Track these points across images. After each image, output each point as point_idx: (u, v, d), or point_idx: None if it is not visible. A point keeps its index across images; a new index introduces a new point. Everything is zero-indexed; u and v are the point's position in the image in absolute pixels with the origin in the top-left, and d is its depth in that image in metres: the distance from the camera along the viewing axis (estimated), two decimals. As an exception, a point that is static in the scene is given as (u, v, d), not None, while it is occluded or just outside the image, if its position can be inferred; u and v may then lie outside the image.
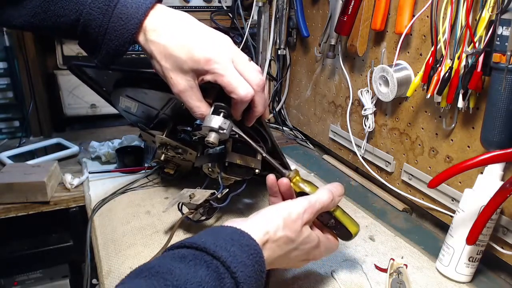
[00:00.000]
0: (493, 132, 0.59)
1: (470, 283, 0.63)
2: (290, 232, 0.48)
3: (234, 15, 1.22)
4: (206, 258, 0.40)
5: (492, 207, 0.54)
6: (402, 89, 0.77)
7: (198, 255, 0.40)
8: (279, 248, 0.47)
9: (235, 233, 0.44)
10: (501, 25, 0.55)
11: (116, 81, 0.74)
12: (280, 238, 0.47)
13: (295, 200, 0.51)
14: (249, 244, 0.43)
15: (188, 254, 0.40)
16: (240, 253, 0.42)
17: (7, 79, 1.03)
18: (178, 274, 0.37)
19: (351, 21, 0.84)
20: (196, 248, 0.41)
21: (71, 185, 0.83)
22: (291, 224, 0.48)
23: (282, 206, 0.50)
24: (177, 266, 0.38)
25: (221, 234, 0.43)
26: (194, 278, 0.38)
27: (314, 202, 0.51)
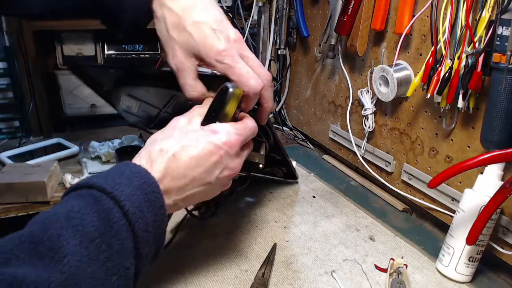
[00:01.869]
0: (493, 132, 0.59)
1: (470, 283, 0.63)
2: (167, 133, 0.48)
3: (234, 15, 1.22)
4: (81, 192, 0.41)
5: (492, 207, 0.54)
6: (402, 89, 0.77)
7: (73, 194, 0.41)
8: (163, 153, 0.46)
9: (119, 165, 0.45)
10: (501, 25, 0.55)
11: (117, 79, 0.74)
12: (158, 146, 0.46)
13: None
14: (132, 169, 0.43)
15: (66, 197, 0.41)
16: (119, 177, 0.42)
17: (7, 79, 1.03)
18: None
19: (351, 21, 0.84)
20: (75, 189, 0.42)
21: (71, 185, 0.83)
22: (167, 129, 0.49)
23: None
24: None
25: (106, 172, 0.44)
26: (61, 209, 0.38)
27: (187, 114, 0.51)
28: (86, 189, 0.41)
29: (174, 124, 0.49)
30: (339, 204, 0.83)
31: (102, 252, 0.37)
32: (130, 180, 0.42)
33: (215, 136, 0.48)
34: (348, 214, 0.79)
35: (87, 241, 0.36)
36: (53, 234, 0.35)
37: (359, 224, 0.76)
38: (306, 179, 0.93)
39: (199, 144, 0.47)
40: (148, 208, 0.41)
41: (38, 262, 0.34)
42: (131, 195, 0.40)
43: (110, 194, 0.40)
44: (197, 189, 0.48)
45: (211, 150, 0.47)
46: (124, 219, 0.39)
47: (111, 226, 0.38)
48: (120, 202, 0.39)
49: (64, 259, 0.34)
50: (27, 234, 0.36)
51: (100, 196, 0.39)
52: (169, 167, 0.45)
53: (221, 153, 0.48)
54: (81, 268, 0.35)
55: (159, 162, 0.45)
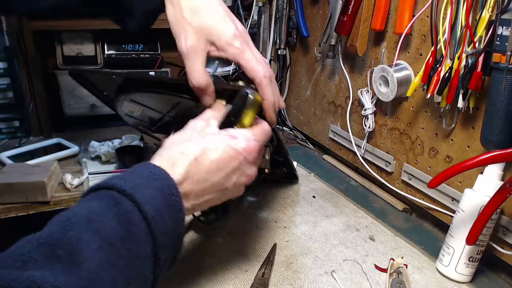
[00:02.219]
0: (493, 132, 0.59)
1: (470, 283, 0.63)
2: (185, 139, 0.47)
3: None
4: (101, 193, 0.39)
5: (492, 207, 0.54)
6: (402, 89, 0.77)
7: (92, 195, 0.40)
8: (185, 155, 0.44)
9: (139, 166, 0.43)
10: (501, 25, 0.55)
11: (119, 86, 0.73)
12: (178, 149, 0.45)
13: None
14: (152, 170, 0.42)
15: (86, 198, 0.40)
16: (139, 178, 0.41)
17: (7, 79, 1.03)
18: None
19: (351, 21, 0.84)
20: (94, 190, 0.41)
21: (71, 185, 0.83)
22: (185, 133, 0.48)
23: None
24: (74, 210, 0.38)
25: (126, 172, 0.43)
26: (81, 211, 0.37)
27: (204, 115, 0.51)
28: (105, 190, 0.40)
29: (192, 126, 0.49)
30: (339, 204, 0.83)
31: (122, 258, 0.36)
32: (150, 181, 0.41)
33: (234, 141, 0.47)
34: (348, 214, 0.79)
35: (107, 246, 0.35)
36: (72, 237, 0.34)
37: (359, 224, 0.76)
38: (306, 179, 0.93)
39: (219, 148, 0.46)
40: (168, 212, 0.40)
41: (57, 266, 0.32)
42: (151, 198, 0.39)
43: (129, 196, 0.38)
44: (214, 194, 0.47)
45: (231, 155, 0.46)
46: (143, 222, 0.38)
47: (131, 230, 0.37)
48: (140, 205, 0.38)
49: (83, 264, 0.33)
50: (46, 235, 0.35)
51: (120, 198, 0.38)
52: (190, 170, 0.44)
53: (240, 159, 0.47)
54: (100, 274, 0.34)
55: (181, 165, 0.44)
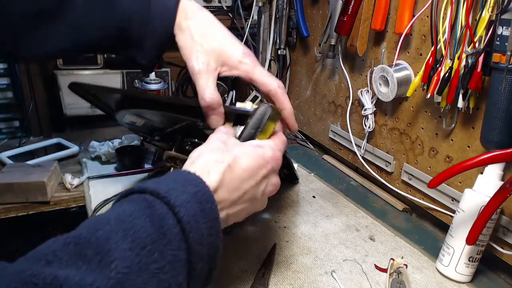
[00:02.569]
0: (493, 132, 0.59)
1: (470, 283, 0.63)
2: (215, 146, 0.47)
3: (234, 15, 1.22)
4: (133, 197, 0.39)
5: (492, 207, 0.54)
6: (402, 89, 0.77)
7: (124, 200, 0.39)
8: (219, 163, 0.44)
9: (172, 173, 0.43)
10: (501, 25, 0.55)
11: (120, 101, 0.72)
12: (212, 157, 0.45)
13: None
14: (185, 176, 0.41)
15: (117, 204, 0.39)
16: (173, 183, 0.40)
17: (7, 79, 1.03)
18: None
19: (351, 21, 0.84)
20: (125, 195, 0.40)
21: (71, 185, 0.83)
22: (210, 143, 0.48)
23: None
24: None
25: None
26: (112, 214, 0.36)
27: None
28: (138, 194, 0.39)
29: (215, 138, 0.49)
30: (339, 204, 0.83)
31: (154, 262, 0.34)
32: (184, 186, 0.39)
33: (261, 150, 0.48)
34: (348, 214, 0.79)
35: (138, 248, 0.34)
36: (101, 237, 0.33)
37: (359, 224, 0.76)
38: (306, 179, 0.93)
39: (250, 156, 0.46)
40: (203, 218, 0.39)
41: (83, 265, 0.31)
42: (185, 202, 0.38)
43: (164, 198, 0.37)
44: (246, 204, 0.47)
45: (260, 163, 0.47)
46: (178, 226, 0.37)
47: (164, 233, 0.36)
48: (174, 208, 0.37)
49: (111, 264, 0.32)
50: (73, 235, 0.34)
51: (153, 201, 0.37)
52: (225, 178, 0.43)
53: (269, 167, 0.48)
54: (131, 276, 0.32)
55: (215, 172, 0.43)
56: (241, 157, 0.46)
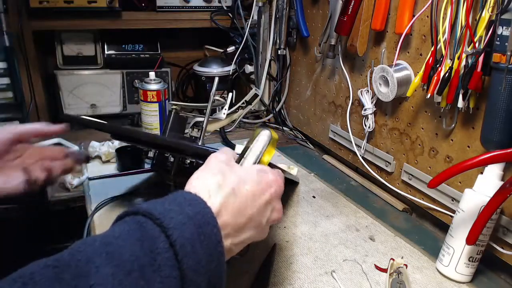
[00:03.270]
0: (493, 132, 0.59)
1: (470, 283, 0.63)
2: (219, 170, 0.43)
3: (234, 15, 1.22)
4: (127, 218, 0.36)
5: (492, 207, 0.54)
6: (402, 89, 0.77)
7: (118, 222, 0.37)
8: (223, 188, 0.41)
9: (172, 194, 0.40)
10: (501, 25, 0.55)
11: (118, 136, 0.72)
12: (215, 180, 0.42)
13: None
14: (185, 196, 0.38)
15: (111, 227, 0.36)
16: (170, 204, 0.36)
17: (7, 79, 1.03)
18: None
19: (351, 21, 0.84)
20: (121, 217, 0.37)
21: (71, 185, 0.83)
22: (213, 167, 0.44)
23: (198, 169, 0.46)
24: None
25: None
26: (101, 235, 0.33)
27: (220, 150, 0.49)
28: (132, 216, 0.36)
29: (217, 159, 0.46)
30: (339, 204, 0.83)
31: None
32: (182, 207, 0.36)
33: (264, 174, 0.46)
34: (348, 214, 0.79)
35: (122, 273, 0.31)
36: (82, 259, 0.31)
37: (359, 224, 0.76)
38: (306, 179, 0.93)
39: (253, 180, 0.44)
40: (201, 242, 0.35)
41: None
42: (180, 224, 0.34)
43: (157, 220, 0.34)
44: (251, 232, 0.43)
45: (263, 187, 0.45)
46: (170, 251, 0.33)
47: (154, 258, 0.32)
48: (167, 230, 0.34)
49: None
50: (54, 258, 0.31)
51: (145, 222, 0.34)
52: (229, 201, 0.40)
53: (272, 191, 0.46)
54: None
55: (218, 196, 0.40)
56: (245, 181, 0.43)
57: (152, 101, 0.98)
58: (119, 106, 1.20)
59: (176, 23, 1.20)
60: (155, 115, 1.00)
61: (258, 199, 0.44)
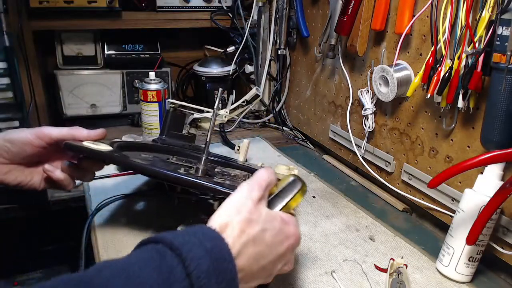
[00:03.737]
0: (493, 132, 0.59)
1: (470, 283, 0.63)
2: (247, 213, 0.43)
3: (234, 15, 1.22)
4: (148, 246, 0.38)
5: (492, 207, 0.54)
6: (402, 89, 0.77)
7: (140, 248, 0.38)
8: (245, 234, 0.42)
9: (193, 227, 0.41)
10: (501, 25, 0.55)
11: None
12: (239, 222, 0.42)
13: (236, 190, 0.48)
14: (204, 231, 0.39)
15: (133, 252, 0.38)
16: (190, 236, 0.38)
17: (7, 79, 1.03)
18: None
19: (351, 21, 0.84)
20: (142, 244, 0.39)
21: (71, 185, 0.83)
22: (243, 206, 0.44)
23: (226, 200, 0.46)
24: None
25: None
26: (122, 260, 0.35)
27: (254, 178, 0.48)
28: (153, 244, 0.38)
29: (245, 193, 0.46)
30: (339, 204, 0.83)
31: None
32: (202, 241, 0.37)
33: (287, 225, 0.46)
34: (348, 214, 0.79)
35: None
36: (103, 278, 0.32)
37: (359, 224, 0.76)
38: (306, 179, 0.92)
39: (275, 228, 0.45)
40: (217, 277, 0.36)
41: None
42: (198, 257, 0.36)
43: (176, 250, 0.36)
44: (260, 280, 0.44)
45: (281, 239, 0.45)
46: (186, 280, 0.35)
47: (171, 285, 0.34)
48: (185, 261, 0.35)
49: None
50: (76, 276, 0.33)
51: (165, 252, 0.36)
52: (247, 247, 0.41)
53: (288, 244, 0.46)
54: None
55: (239, 240, 0.41)
56: (267, 229, 0.44)
57: (152, 101, 0.98)
58: (119, 106, 1.20)
59: (176, 23, 1.19)
60: (155, 115, 1.00)
61: (275, 250, 0.44)
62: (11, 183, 0.61)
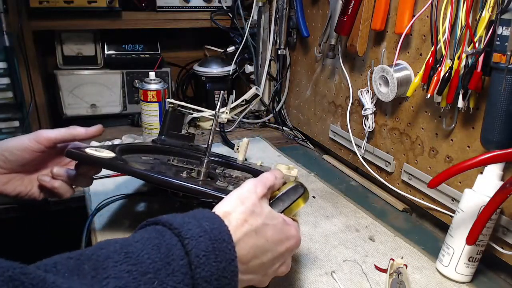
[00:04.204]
0: (493, 132, 0.59)
1: (470, 283, 0.63)
2: (251, 205, 0.44)
3: (234, 15, 1.22)
4: (148, 228, 0.38)
5: (492, 207, 0.54)
6: (402, 89, 0.77)
7: (139, 230, 0.39)
8: (247, 224, 0.42)
9: (195, 210, 0.41)
10: (501, 25, 0.55)
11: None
12: (242, 212, 0.43)
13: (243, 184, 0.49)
14: (205, 214, 0.40)
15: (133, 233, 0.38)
16: (189, 218, 0.39)
17: (7, 79, 1.03)
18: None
19: (351, 21, 0.84)
20: (141, 227, 0.39)
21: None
22: (247, 199, 0.44)
23: (232, 192, 0.47)
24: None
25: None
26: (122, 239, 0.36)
27: (259, 177, 0.49)
28: (153, 226, 0.38)
29: (251, 188, 0.46)
30: (339, 204, 0.83)
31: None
32: (200, 222, 0.38)
33: (288, 226, 0.47)
34: (348, 215, 0.79)
35: (137, 272, 0.33)
36: (102, 254, 0.33)
37: (359, 225, 0.76)
38: (306, 179, 0.93)
39: (277, 227, 0.45)
40: (216, 257, 0.36)
41: (77, 279, 0.31)
42: (197, 236, 0.36)
43: (175, 230, 0.37)
44: (256, 276, 0.44)
45: (282, 239, 0.45)
46: (185, 259, 0.35)
47: (169, 263, 0.34)
48: (184, 240, 0.36)
49: (104, 280, 0.31)
50: (77, 252, 0.34)
51: (164, 231, 0.37)
52: (249, 237, 0.41)
53: (288, 245, 0.46)
54: None
55: (240, 228, 0.41)
56: (269, 225, 0.44)
57: (152, 101, 0.98)
58: (119, 106, 1.20)
59: (176, 23, 1.20)
60: (155, 115, 1.00)
61: (275, 247, 0.44)
62: (11, 193, 0.60)
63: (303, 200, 0.51)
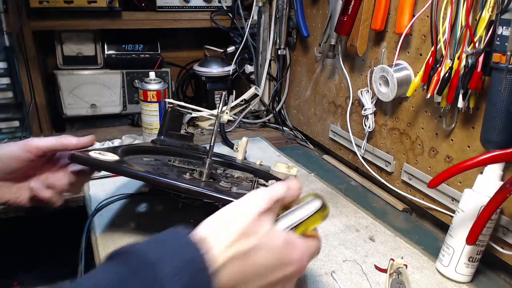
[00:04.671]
0: (493, 132, 0.59)
1: (470, 283, 0.63)
2: (243, 223, 0.38)
3: (234, 15, 1.22)
4: (118, 261, 0.34)
5: (492, 207, 0.54)
6: (402, 89, 0.77)
7: (109, 262, 0.35)
8: (233, 248, 0.36)
9: (171, 233, 0.37)
10: (501, 25, 0.55)
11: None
12: (231, 233, 0.37)
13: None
14: (176, 236, 0.36)
15: (104, 264, 0.35)
16: (163, 253, 0.34)
17: (7, 79, 1.03)
18: None
19: (351, 21, 0.84)
20: (113, 255, 0.35)
21: (71, 185, 0.83)
22: (241, 216, 0.39)
23: (227, 206, 0.41)
24: None
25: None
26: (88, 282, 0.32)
27: (268, 189, 0.43)
28: (124, 256, 0.34)
29: (253, 200, 0.41)
30: (339, 204, 0.83)
31: None
32: (177, 254, 0.34)
33: (289, 250, 0.40)
34: (348, 215, 0.79)
35: None
36: None
37: (359, 225, 0.76)
38: (306, 179, 0.93)
39: (274, 250, 0.39)
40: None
41: None
42: (172, 275, 0.32)
43: (150, 266, 0.32)
44: None
45: (278, 264, 0.39)
46: None
47: None
48: (161, 280, 0.32)
49: None
50: None
51: (138, 269, 0.33)
52: (234, 261, 0.36)
53: (287, 272, 0.40)
54: None
55: (226, 252, 0.36)
56: (261, 249, 0.38)
57: (152, 101, 0.98)
58: (119, 106, 1.20)
59: (176, 23, 1.20)
60: (155, 115, 1.00)
61: (268, 275, 0.39)
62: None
63: (321, 216, 0.44)
